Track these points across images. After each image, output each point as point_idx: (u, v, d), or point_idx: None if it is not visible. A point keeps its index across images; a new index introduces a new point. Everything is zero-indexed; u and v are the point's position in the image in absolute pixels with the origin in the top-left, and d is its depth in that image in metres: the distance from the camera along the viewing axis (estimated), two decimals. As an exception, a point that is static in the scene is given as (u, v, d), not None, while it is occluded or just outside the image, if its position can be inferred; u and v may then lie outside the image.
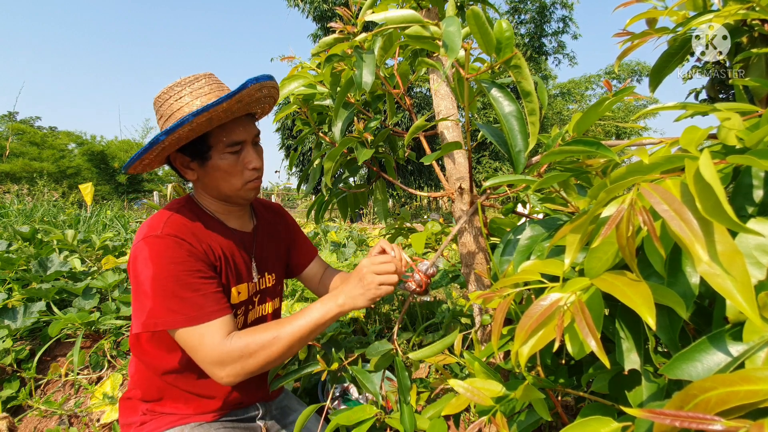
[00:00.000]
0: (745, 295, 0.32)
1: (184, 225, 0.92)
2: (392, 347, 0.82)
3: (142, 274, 0.85)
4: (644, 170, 0.42)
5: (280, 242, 1.21)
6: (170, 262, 0.85)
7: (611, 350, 0.48)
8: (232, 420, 1.05)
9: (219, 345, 0.84)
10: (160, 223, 0.90)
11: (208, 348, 0.84)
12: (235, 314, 1.00)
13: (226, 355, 0.84)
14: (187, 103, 0.92)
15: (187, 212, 0.96)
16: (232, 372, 0.84)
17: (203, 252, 0.92)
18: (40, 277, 2.16)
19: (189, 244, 0.89)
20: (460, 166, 1.02)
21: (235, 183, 0.97)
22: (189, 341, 0.85)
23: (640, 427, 0.38)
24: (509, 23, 0.68)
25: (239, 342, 0.85)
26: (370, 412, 0.75)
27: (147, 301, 0.84)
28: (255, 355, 0.84)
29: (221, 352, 0.84)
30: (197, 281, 0.87)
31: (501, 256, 0.72)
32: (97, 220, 4.23)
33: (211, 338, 0.84)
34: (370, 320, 2.38)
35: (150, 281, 0.84)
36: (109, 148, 12.45)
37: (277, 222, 1.22)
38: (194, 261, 0.88)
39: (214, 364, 0.84)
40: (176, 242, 0.87)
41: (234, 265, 1.00)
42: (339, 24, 1.03)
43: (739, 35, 0.68)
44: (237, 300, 1.00)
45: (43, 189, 7.49)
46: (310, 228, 4.67)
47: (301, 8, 14.44)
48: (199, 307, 0.85)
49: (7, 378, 1.73)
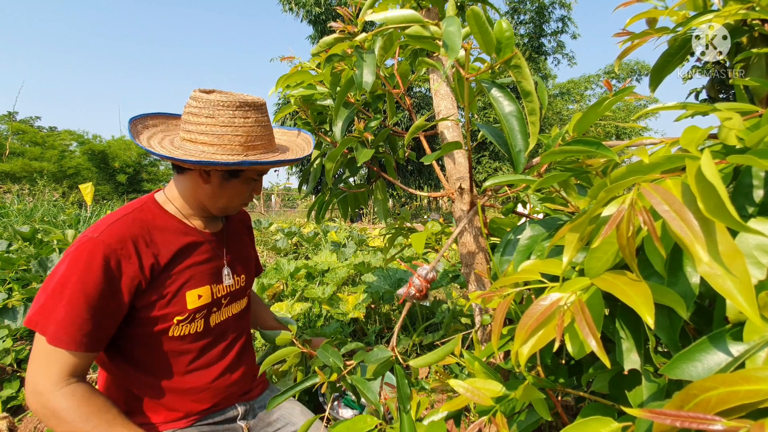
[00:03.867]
0: (745, 295, 0.32)
1: (130, 234, 0.88)
2: (392, 354, 0.82)
3: (57, 270, 0.83)
4: (644, 170, 0.42)
5: (248, 246, 1.22)
6: (82, 276, 0.81)
7: (611, 350, 0.48)
8: (209, 423, 1.02)
9: (55, 384, 0.80)
10: (104, 226, 0.88)
11: (45, 375, 0.80)
12: (193, 318, 0.96)
13: (50, 397, 0.79)
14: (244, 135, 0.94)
15: (147, 215, 0.94)
16: (35, 409, 0.81)
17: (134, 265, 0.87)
18: (40, 276, 2.16)
19: (118, 258, 0.85)
20: (460, 166, 1.02)
21: (236, 203, 1.02)
22: (39, 353, 0.81)
23: (641, 427, 0.38)
24: (509, 23, 0.68)
25: (64, 400, 0.79)
26: (372, 422, 0.74)
27: (42, 297, 0.82)
28: (62, 423, 0.79)
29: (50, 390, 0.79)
30: (91, 310, 0.82)
31: (501, 256, 0.72)
32: (97, 220, 4.23)
33: (54, 366, 0.80)
34: (370, 320, 2.38)
35: (56, 281, 0.82)
36: (109, 147, 12.44)
37: (242, 223, 1.25)
38: (104, 287, 0.83)
39: (34, 391, 0.80)
40: (104, 253, 0.83)
41: (193, 269, 0.97)
42: (339, 24, 1.03)
43: (739, 35, 0.68)
44: (195, 304, 0.96)
45: (44, 189, 7.48)
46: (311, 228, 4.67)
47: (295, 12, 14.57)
48: (73, 333, 0.80)
49: (7, 378, 1.73)
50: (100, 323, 0.84)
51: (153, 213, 0.96)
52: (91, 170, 12.37)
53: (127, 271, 0.86)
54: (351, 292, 2.54)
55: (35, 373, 0.81)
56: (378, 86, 1.17)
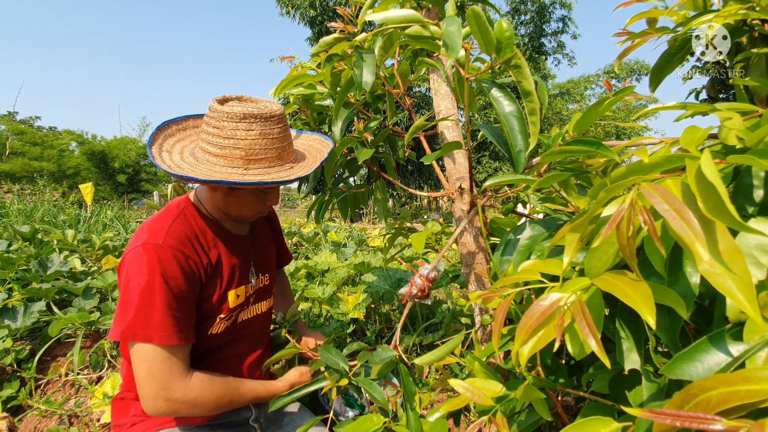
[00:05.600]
0: (746, 294, 0.32)
1: (186, 235, 0.93)
2: (396, 353, 0.82)
3: (134, 281, 0.85)
4: (644, 170, 0.42)
5: (272, 243, 1.25)
6: (164, 276, 0.85)
7: (611, 350, 0.48)
8: (224, 422, 1.04)
9: (184, 378, 0.86)
10: (163, 231, 0.90)
11: (175, 376, 0.85)
12: (230, 316, 1.01)
13: (180, 392, 0.85)
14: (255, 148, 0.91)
15: (190, 218, 0.97)
16: (168, 410, 0.85)
17: (199, 264, 0.92)
18: (40, 277, 2.16)
19: (187, 259, 0.90)
20: (460, 165, 1.02)
21: (248, 212, 1.01)
22: (152, 359, 0.84)
23: (641, 427, 0.38)
24: (509, 23, 0.68)
25: (196, 386, 0.87)
26: (378, 421, 0.74)
27: (131, 309, 0.83)
28: (200, 406, 0.87)
29: (179, 388, 0.85)
30: (181, 303, 0.87)
31: (501, 256, 0.72)
32: (97, 220, 4.23)
33: (177, 366, 0.85)
34: (370, 320, 2.38)
35: (140, 290, 0.83)
36: (109, 147, 12.44)
37: (269, 223, 1.27)
38: (184, 281, 0.88)
39: (168, 398, 0.84)
40: (174, 255, 0.87)
41: (233, 269, 1.01)
42: (339, 24, 1.03)
43: (739, 35, 0.68)
44: (235, 303, 1.01)
45: (44, 189, 7.48)
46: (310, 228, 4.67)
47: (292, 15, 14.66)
48: (177, 329, 0.85)
49: (7, 378, 1.73)
50: (191, 315, 0.91)
51: (194, 216, 0.99)
52: (90, 170, 12.36)
53: (194, 268, 0.92)
54: (351, 292, 2.54)
55: (159, 379, 0.84)
56: (378, 86, 1.17)
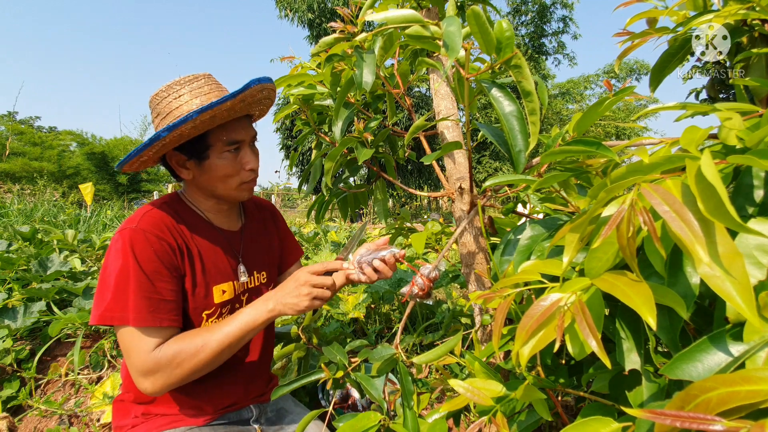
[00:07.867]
0: (744, 296, 0.32)
1: (163, 220, 0.92)
2: (395, 352, 0.82)
3: (111, 266, 0.86)
4: (644, 170, 0.42)
5: (271, 241, 1.21)
6: (136, 258, 0.85)
7: (611, 350, 0.48)
8: (225, 423, 1.04)
9: (150, 352, 0.84)
10: (138, 216, 0.92)
11: (142, 353, 0.84)
12: (219, 313, 1.00)
13: (154, 363, 0.84)
14: (186, 102, 0.92)
15: (169, 208, 0.97)
16: (158, 382, 0.84)
17: (176, 250, 0.92)
18: (40, 276, 2.16)
19: (160, 241, 0.89)
20: (460, 165, 1.02)
21: (231, 183, 0.97)
22: (129, 342, 0.85)
23: (641, 427, 0.38)
24: (509, 23, 0.68)
25: (168, 350, 0.85)
26: (375, 418, 0.74)
27: (107, 293, 0.84)
28: (182, 365, 0.85)
29: (151, 360, 0.84)
30: (156, 284, 0.87)
31: (501, 256, 0.72)
32: (97, 220, 4.23)
33: (146, 344, 0.84)
34: (370, 320, 2.38)
35: (115, 274, 0.84)
36: (109, 147, 12.45)
37: (267, 220, 1.23)
38: (159, 263, 0.88)
39: (142, 372, 0.84)
40: (146, 238, 0.87)
41: (216, 263, 1.00)
42: (339, 24, 1.03)
43: (739, 35, 0.68)
44: (221, 299, 1.00)
45: (44, 189, 7.48)
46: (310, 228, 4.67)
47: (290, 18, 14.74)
48: (152, 309, 0.85)
49: (7, 378, 1.73)
50: (171, 296, 0.89)
51: (177, 208, 0.99)
52: (90, 170, 12.37)
53: (169, 251, 0.90)
54: (351, 292, 2.54)
55: (135, 357, 0.84)
56: (378, 86, 1.17)
